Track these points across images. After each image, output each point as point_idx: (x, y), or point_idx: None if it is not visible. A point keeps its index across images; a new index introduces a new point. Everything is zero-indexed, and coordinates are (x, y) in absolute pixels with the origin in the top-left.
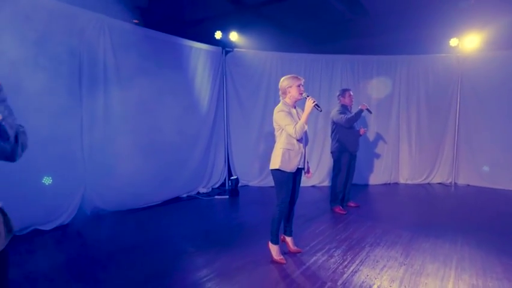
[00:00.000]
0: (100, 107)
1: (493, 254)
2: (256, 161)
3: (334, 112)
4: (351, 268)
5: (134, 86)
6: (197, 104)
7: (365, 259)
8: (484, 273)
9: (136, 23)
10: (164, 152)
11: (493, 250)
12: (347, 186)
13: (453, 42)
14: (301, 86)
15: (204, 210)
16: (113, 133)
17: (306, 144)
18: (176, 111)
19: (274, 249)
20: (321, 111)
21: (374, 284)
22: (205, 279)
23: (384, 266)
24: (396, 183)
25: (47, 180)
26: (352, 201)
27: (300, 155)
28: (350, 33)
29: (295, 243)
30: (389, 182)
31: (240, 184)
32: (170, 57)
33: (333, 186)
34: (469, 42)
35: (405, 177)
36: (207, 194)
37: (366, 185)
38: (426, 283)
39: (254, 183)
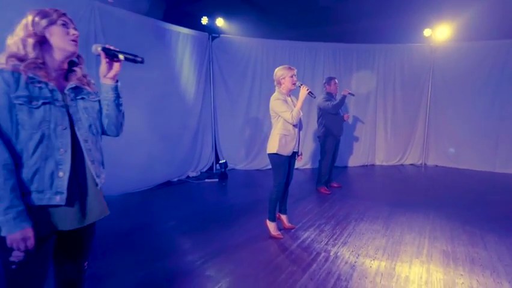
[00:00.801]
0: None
1: (459, 224)
2: (242, 146)
3: (320, 99)
4: (341, 240)
5: (123, 72)
6: (185, 89)
7: (352, 232)
8: (452, 241)
9: (110, 3)
10: (153, 137)
11: (459, 221)
12: (332, 168)
13: (427, 32)
14: (294, 77)
15: (197, 193)
16: None
17: (300, 129)
18: (165, 97)
19: (271, 226)
20: (314, 97)
21: (361, 253)
22: (207, 256)
23: (369, 237)
24: (373, 165)
25: None
26: (335, 181)
27: (295, 139)
28: (329, 20)
29: (289, 221)
30: (366, 163)
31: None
32: (157, 42)
33: (320, 168)
34: (440, 32)
35: (380, 159)
36: (196, 178)
37: (346, 167)
38: (405, 250)
39: (240, 166)
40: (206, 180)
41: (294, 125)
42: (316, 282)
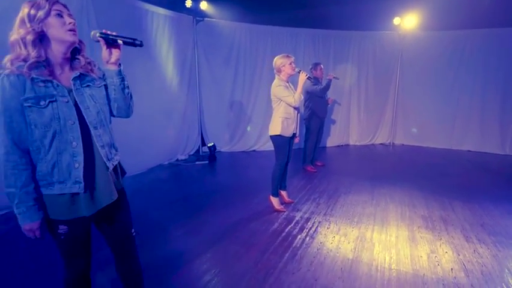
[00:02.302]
0: None
1: (430, 194)
2: (227, 128)
3: (308, 84)
4: (337, 210)
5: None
6: (172, 72)
7: (344, 204)
8: (427, 208)
9: None
10: (143, 121)
11: (429, 192)
12: (316, 148)
13: (396, 20)
14: (292, 63)
15: (190, 175)
16: None
17: (298, 112)
18: (151, 80)
19: (275, 201)
20: (312, 81)
21: (357, 220)
22: (229, 228)
23: (360, 207)
24: (347, 145)
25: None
26: (318, 160)
27: (295, 122)
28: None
29: (288, 196)
30: (341, 144)
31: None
32: (140, 24)
33: (305, 148)
34: (408, 21)
35: (354, 139)
36: (185, 161)
37: (324, 147)
38: (391, 216)
39: (226, 149)
40: (196, 162)
41: (294, 108)
42: (326, 245)
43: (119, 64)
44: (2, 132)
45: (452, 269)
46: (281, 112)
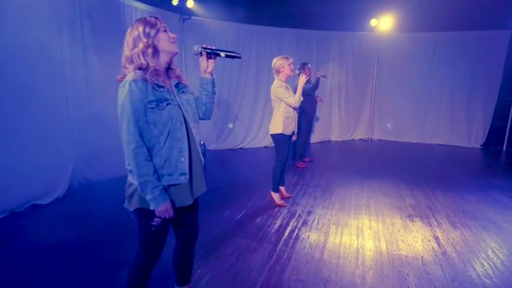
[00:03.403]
0: (82, 75)
1: (414, 185)
2: (213, 127)
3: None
4: (333, 203)
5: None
6: None
7: (339, 196)
8: (413, 197)
9: None
10: None
11: (413, 183)
12: (305, 145)
13: (373, 22)
14: (291, 65)
15: None
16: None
17: (297, 112)
18: None
19: (276, 196)
20: (311, 84)
21: (353, 211)
22: (231, 223)
23: (354, 199)
24: (329, 141)
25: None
26: (307, 156)
27: (294, 121)
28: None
29: (286, 191)
30: (324, 140)
31: None
32: (126, 21)
33: (295, 145)
34: (384, 23)
35: (335, 135)
36: None
37: (308, 144)
38: (384, 206)
39: (213, 147)
40: None
41: (294, 108)
42: (332, 235)
43: (212, 74)
44: (131, 130)
45: (445, 251)
46: (282, 111)
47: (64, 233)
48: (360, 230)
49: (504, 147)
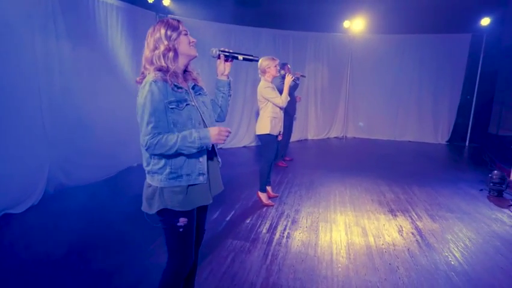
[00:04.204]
0: (56, 75)
1: (391, 181)
2: None
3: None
4: (319, 201)
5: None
6: (134, 72)
7: (323, 194)
8: (393, 192)
9: None
10: (110, 122)
11: (390, 179)
12: (286, 144)
13: (346, 23)
14: (277, 66)
15: None
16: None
17: (283, 112)
18: (114, 79)
19: (263, 196)
20: (298, 83)
21: (339, 207)
22: (222, 224)
23: (338, 197)
24: (306, 139)
25: None
26: (287, 155)
27: (281, 121)
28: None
29: (272, 190)
30: (301, 138)
31: None
32: (101, 18)
33: (278, 144)
34: (356, 24)
35: (312, 134)
36: None
37: (288, 143)
38: (366, 202)
39: None
40: None
41: (280, 108)
42: (322, 233)
43: (228, 76)
44: (148, 131)
45: (428, 242)
46: (269, 112)
47: (40, 244)
48: (348, 226)
49: (467, 143)
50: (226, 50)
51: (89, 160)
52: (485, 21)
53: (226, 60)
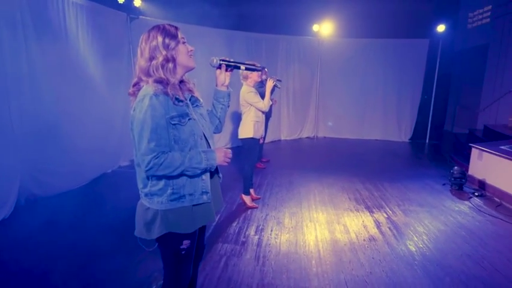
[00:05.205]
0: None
1: (364, 179)
2: None
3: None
4: (300, 201)
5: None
6: (107, 74)
7: (304, 194)
8: (366, 190)
9: None
10: (82, 128)
11: (363, 177)
12: (262, 146)
13: (315, 27)
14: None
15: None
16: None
17: (265, 116)
18: (85, 83)
19: (247, 199)
20: (279, 88)
21: (320, 207)
22: (210, 228)
23: (318, 196)
24: (279, 140)
25: None
26: (264, 157)
27: (263, 125)
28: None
29: (254, 192)
30: (275, 139)
31: None
32: (71, 19)
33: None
34: (325, 28)
35: (285, 134)
36: (129, 167)
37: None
38: (343, 199)
39: None
40: None
41: (263, 112)
42: (307, 232)
43: (228, 86)
44: (152, 149)
45: (404, 235)
46: (252, 116)
47: (13, 261)
48: (330, 224)
49: (427, 140)
50: (227, 59)
51: (61, 168)
52: (441, 28)
53: (226, 70)
